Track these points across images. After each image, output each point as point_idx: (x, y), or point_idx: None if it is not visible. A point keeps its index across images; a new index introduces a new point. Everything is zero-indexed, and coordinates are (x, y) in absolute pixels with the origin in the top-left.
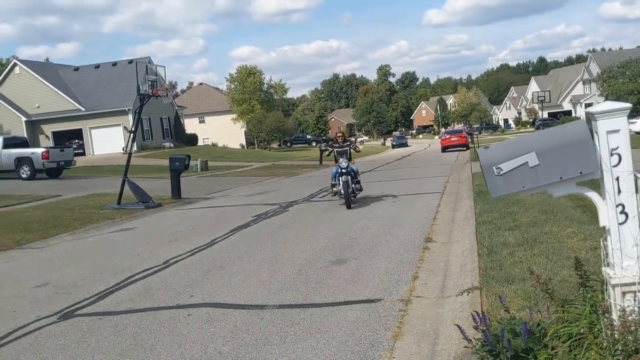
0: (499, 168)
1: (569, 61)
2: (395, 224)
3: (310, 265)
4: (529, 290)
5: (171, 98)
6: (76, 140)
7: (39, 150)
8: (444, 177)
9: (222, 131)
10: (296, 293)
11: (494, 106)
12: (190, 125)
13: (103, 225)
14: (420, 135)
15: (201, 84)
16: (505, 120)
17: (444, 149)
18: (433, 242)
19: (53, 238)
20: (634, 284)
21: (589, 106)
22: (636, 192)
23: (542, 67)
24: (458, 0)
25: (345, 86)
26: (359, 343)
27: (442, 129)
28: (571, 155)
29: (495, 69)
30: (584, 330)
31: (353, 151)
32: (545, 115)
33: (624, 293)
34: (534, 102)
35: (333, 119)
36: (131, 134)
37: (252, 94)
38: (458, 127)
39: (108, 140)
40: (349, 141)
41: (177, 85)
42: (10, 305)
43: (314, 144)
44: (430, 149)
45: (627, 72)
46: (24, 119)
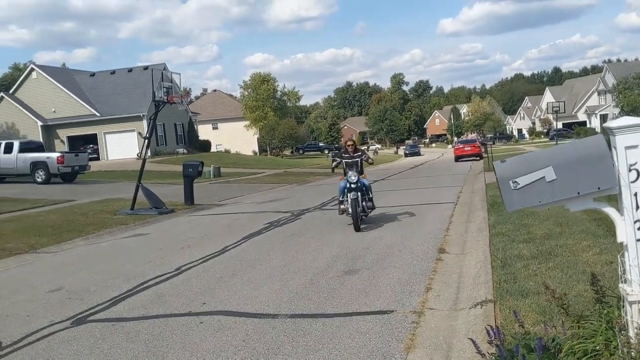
0: (515, 182)
1: (584, 71)
2: (408, 234)
3: (322, 274)
4: (544, 304)
5: (186, 105)
6: (91, 145)
7: (54, 155)
8: (457, 187)
9: (235, 138)
10: (308, 302)
11: (508, 116)
12: (204, 132)
13: (116, 230)
14: (433, 144)
15: (215, 90)
16: (519, 130)
17: (457, 159)
18: (446, 253)
19: (67, 243)
20: None
21: (604, 117)
22: None
23: (557, 77)
24: (472, 9)
25: (359, 94)
26: (371, 355)
27: (456, 138)
28: (589, 170)
29: (509, 78)
30: (599, 347)
31: (365, 163)
32: (560, 125)
33: None
34: (548, 113)
35: (346, 127)
36: (146, 140)
37: (266, 101)
38: (471, 137)
39: (122, 146)
40: (360, 151)
41: (192, 92)
42: (24, 309)
43: (326, 152)
44: (443, 158)
45: None
46: (40, 123)
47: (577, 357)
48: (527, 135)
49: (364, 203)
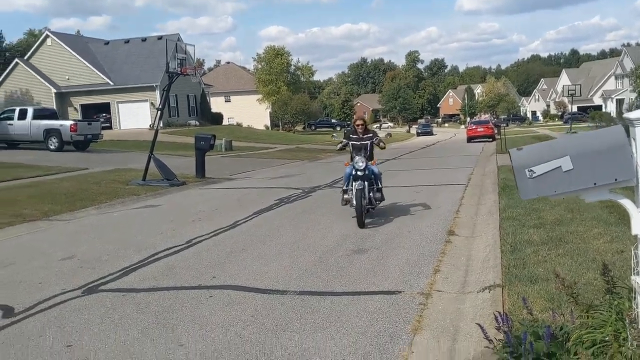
0: (531, 171)
1: (602, 55)
2: (418, 215)
3: (331, 252)
4: (552, 291)
5: (199, 77)
6: (104, 114)
7: (68, 123)
8: (468, 169)
9: (247, 111)
10: (317, 280)
11: (522, 97)
12: (216, 104)
13: (128, 200)
14: (445, 124)
15: (228, 62)
16: (533, 113)
17: (470, 140)
18: (455, 236)
19: (79, 211)
20: None
21: (620, 102)
22: None
23: (574, 60)
24: None
25: (373, 71)
26: (378, 335)
27: (468, 119)
28: (607, 161)
29: (525, 59)
30: (608, 338)
31: (376, 147)
32: (575, 109)
33: None
34: (563, 96)
35: (359, 104)
36: (158, 112)
37: (279, 75)
38: (485, 118)
39: (135, 116)
40: (371, 132)
41: (205, 63)
42: (37, 276)
43: (339, 129)
44: (456, 138)
45: None
46: (53, 90)
47: (586, 347)
48: (541, 118)
49: (370, 194)
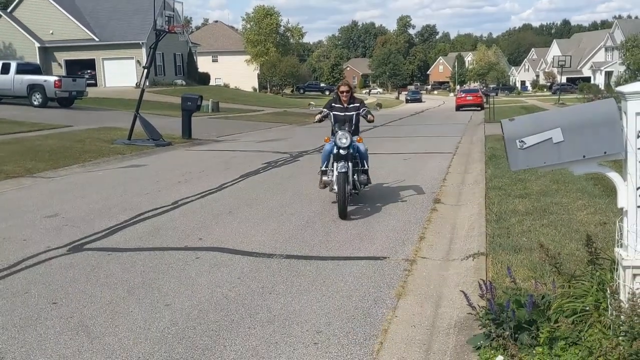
0: (522, 142)
1: (594, 26)
2: (404, 183)
3: (318, 217)
4: (535, 261)
5: (187, 35)
6: (88, 71)
7: (52, 79)
8: (456, 137)
9: (235, 72)
10: (303, 244)
11: (512, 67)
12: (203, 64)
13: (113, 159)
14: (435, 92)
15: (216, 21)
16: (522, 82)
17: (458, 108)
18: (441, 204)
19: (63, 169)
20: None
21: (609, 74)
22: None
23: (566, 30)
24: None
25: (364, 34)
26: (363, 299)
27: (458, 87)
28: (597, 134)
29: (517, 28)
30: (589, 308)
31: (362, 119)
32: (564, 80)
33: (635, 275)
34: (553, 66)
35: (348, 68)
36: (145, 70)
37: (268, 36)
38: (474, 86)
39: (120, 73)
40: (358, 102)
41: (192, 21)
42: (21, 233)
43: (327, 93)
44: (445, 106)
45: None
46: (37, 44)
47: (566, 316)
48: (530, 88)
49: (355, 176)
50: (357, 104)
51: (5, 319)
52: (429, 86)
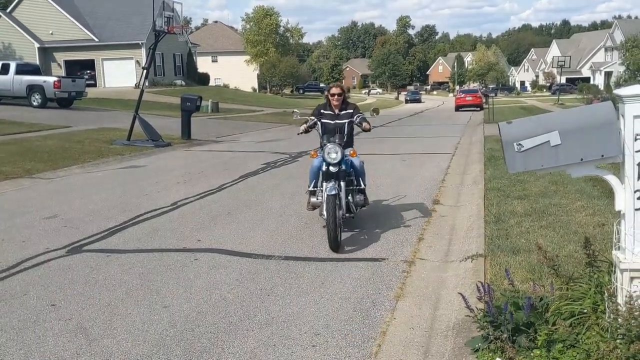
0: (520, 144)
1: (593, 26)
2: (403, 184)
3: (317, 218)
4: (534, 263)
5: (186, 36)
6: (88, 71)
7: (51, 79)
8: (455, 138)
9: (235, 72)
10: (302, 246)
11: (512, 67)
12: (203, 64)
13: (112, 160)
14: (434, 92)
15: (216, 22)
16: (522, 83)
17: (458, 108)
18: (440, 205)
19: (62, 170)
20: None
21: (608, 74)
22: None
23: (565, 31)
24: None
25: (363, 35)
26: (362, 301)
27: (457, 87)
28: (594, 137)
29: (516, 28)
30: (587, 310)
31: (357, 128)
32: (563, 80)
33: (632, 278)
34: (553, 66)
35: (348, 68)
36: (144, 71)
37: (268, 36)
38: (474, 87)
39: (120, 74)
40: (351, 108)
41: (192, 22)
42: (20, 234)
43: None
44: (444, 106)
45: None
46: (37, 45)
47: (564, 318)
48: (530, 88)
49: (349, 197)
50: (350, 110)
51: (4, 321)
52: (429, 86)
